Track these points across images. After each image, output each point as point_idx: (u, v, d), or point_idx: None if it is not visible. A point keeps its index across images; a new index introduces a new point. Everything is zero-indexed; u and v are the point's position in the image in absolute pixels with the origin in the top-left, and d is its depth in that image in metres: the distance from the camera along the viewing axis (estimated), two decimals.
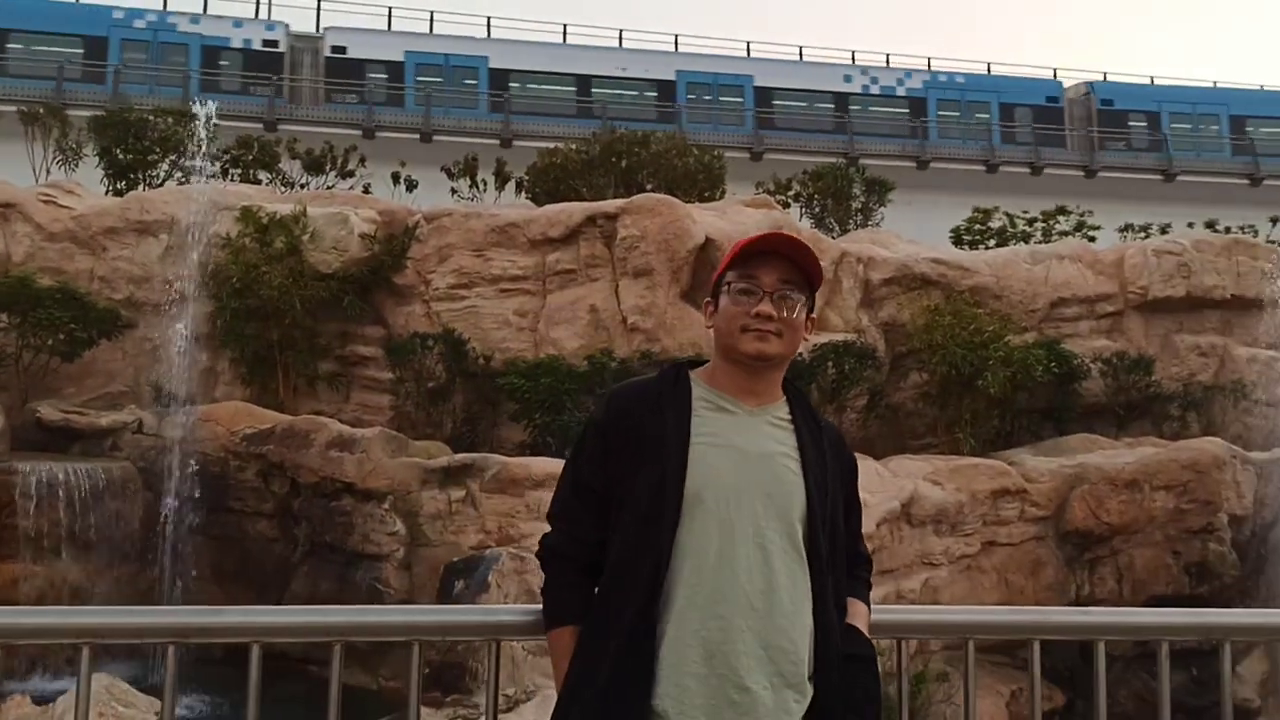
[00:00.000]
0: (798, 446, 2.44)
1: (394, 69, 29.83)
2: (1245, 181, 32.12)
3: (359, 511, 9.71)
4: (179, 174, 15.52)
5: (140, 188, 15.16)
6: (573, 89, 30.62)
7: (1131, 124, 33.17)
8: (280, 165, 16.63)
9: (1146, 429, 13.65)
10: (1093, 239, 17.54)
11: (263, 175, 16.31)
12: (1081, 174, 31.19)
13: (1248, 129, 33.19)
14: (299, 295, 12.07)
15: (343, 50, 29.44)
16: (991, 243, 17.80)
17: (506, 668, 8.61)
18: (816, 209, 17.20)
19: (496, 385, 11.95)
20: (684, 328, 11.89)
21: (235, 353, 12.30)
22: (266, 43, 28.78)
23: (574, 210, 12.66)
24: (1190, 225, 18.05)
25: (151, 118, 15.99)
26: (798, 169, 20.10)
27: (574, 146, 15.86)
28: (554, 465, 10.10)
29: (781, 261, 2.49)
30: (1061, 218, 18.39)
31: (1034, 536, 11.31)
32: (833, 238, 14.99)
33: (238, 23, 29.23)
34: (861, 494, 9.31)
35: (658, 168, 14.99)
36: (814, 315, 2.57)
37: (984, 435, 12.81)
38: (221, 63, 28.30)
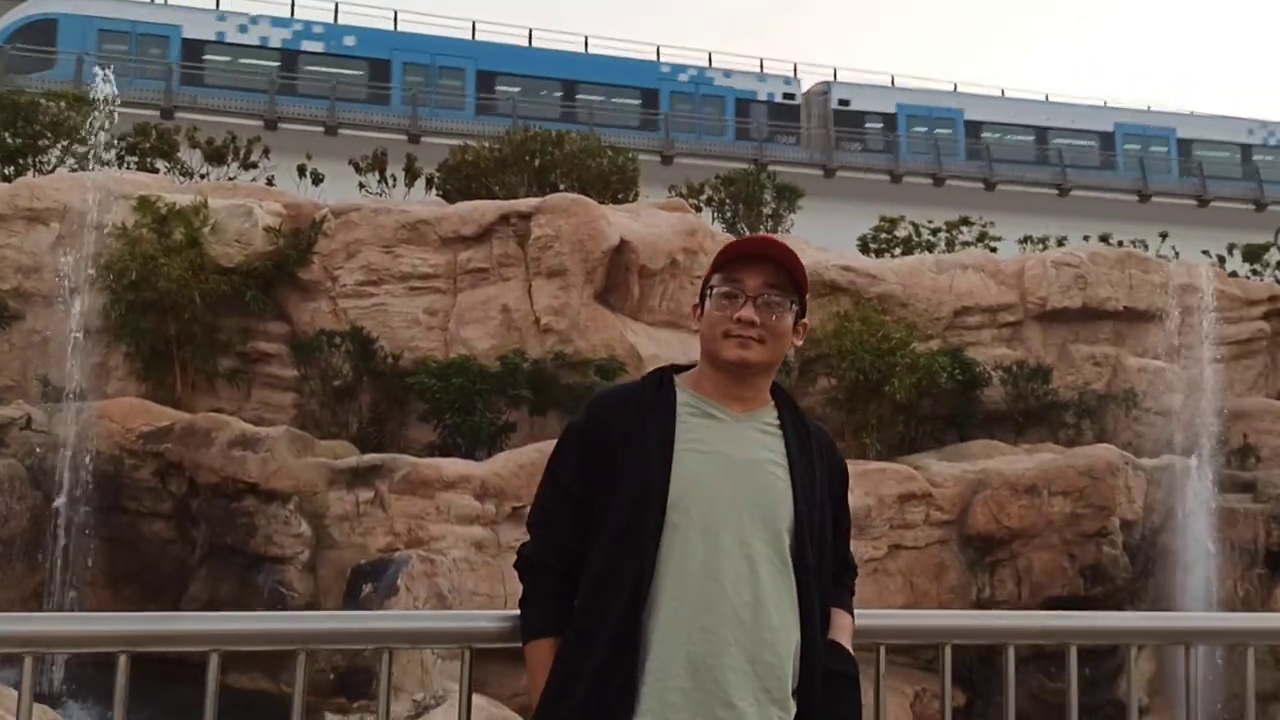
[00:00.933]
0: (786, 454, 2.39)
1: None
2: (1135, 198, 33.39)
3: (262, 513, 9.43)
4: (71, 160, 14.91)
5: (30, 174, 14.53)
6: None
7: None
8: (179, 154, 16.11)
9: (1044, 435, 14.03)
10: (994, 250, 17.99)
11: (161, 164, 15.78)
12: (982, 186, 32.05)
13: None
14: (199, 289, 11.69)
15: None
16: (898, 251, 18.14)
17: (415, 673, 8.45)
18: (728, 214, 17.32)
19: (405, 385, 11.74)
20: (598, 329, 11.84)
21: (130, 347, 11.85)
22: (786, 95, 33.33)
23: (487, 208, 12.51)
24: (1086, 239, 18.65)
25: (43, 101, 15.34)
26: (705, 173, 20.25)
27: (486, 144, 15.69)
28: (465, 467, 9.96)
29: (767, 265, 2.42)
30: (965, 228, 18.84)
31: (938, 540, 11.52)
32: None
33: (761, 77, 33.79)
34: None
35: (571, 168, 14.91)
36: (805, 320, 2.51)
37: (890, 440, 13.03)
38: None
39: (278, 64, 28.44)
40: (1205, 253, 19.34)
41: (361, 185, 16.55)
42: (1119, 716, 11.89)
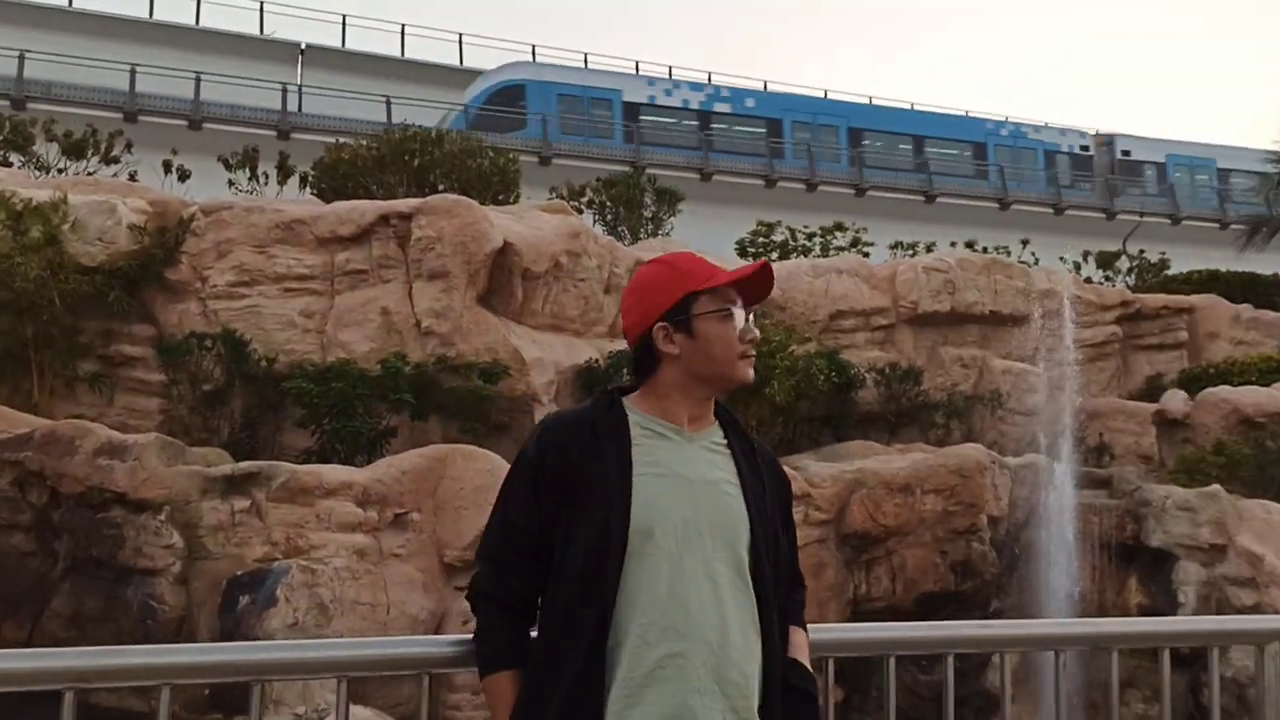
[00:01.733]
0: (737, 472, 2.40)
1: None
2: (996, 205, 34.72)
3: (130, 523, 9.03)
4: None
5: None
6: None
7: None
8: (35, 148, 15.34)
9: (915, 435, 14.48)
10: (867, 255, 18.48)
11: (15, 158, 15.00)
12: (853, 192, 32.87)
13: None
14: (58, 289, 11.13)
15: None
16: (775, 255, 18.46)
17: (295, 686, 8.22)
18: (609, 217, 17.36)
19: (280, 389, 11.41)
20: (480, 332, 11.72)
21: None
22: (1082, 147, 38.66)
23: (366, 208, 12.25)
24: (953, 244, 19.32)
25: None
26: (584, 175, 20.28)
27: (364, 142, 15.37)
28: (346, 473, 9.74)
29: (745, 283, 2.47)
30: (839, 233, 19.30)
31: (817, 539, 11.76)
32: (625, 245, 15.16)
33: (1063, 132, 39.21)
34: None
35: (451, 168, 14.73)
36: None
37: (769, 442, 13.16)
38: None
39: (697, 123, 33.49)
40: (1062, 259, 20.24)
41: (231, 183, 16.04)
42: (987, 706, 12.40)
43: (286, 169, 15.84)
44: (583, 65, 34.82)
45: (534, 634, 2.39)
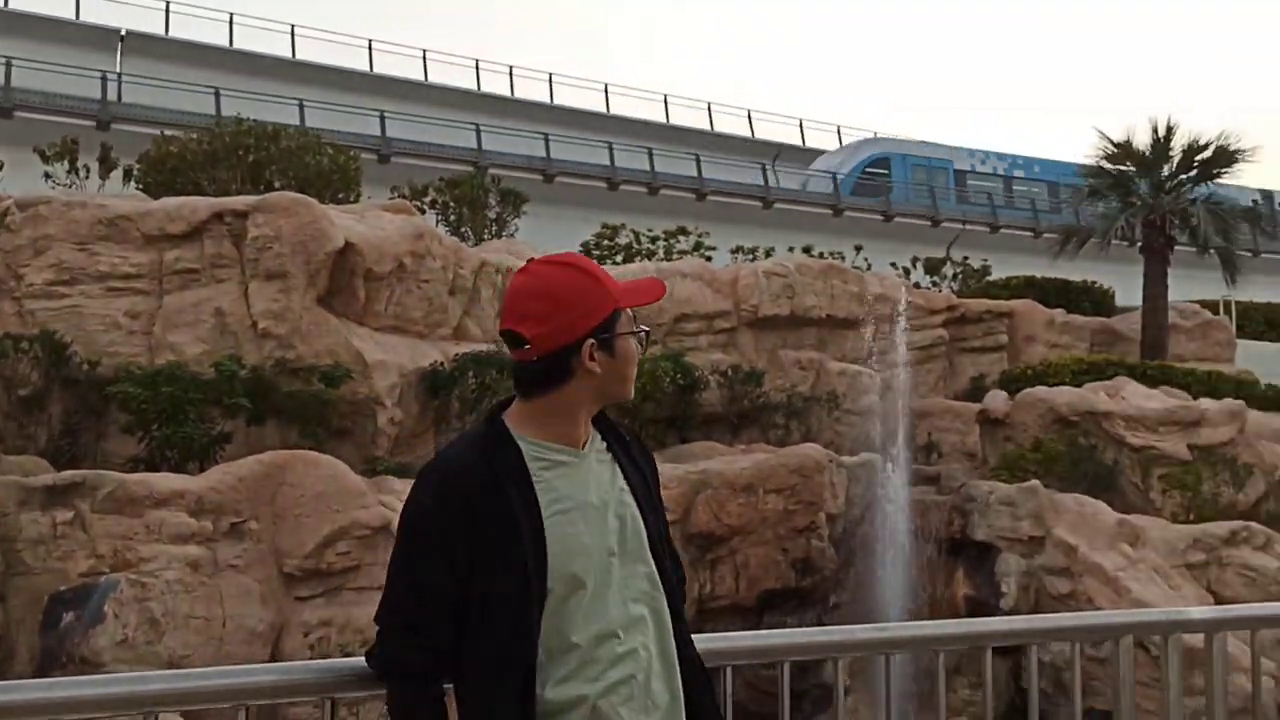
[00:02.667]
0: (626, 479, 2.35)
1: None
2: (829, 212, 35.87)
3: None
4: None
5: None
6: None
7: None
8: None
9: (756, 436, 14.82)
10: (709, 259, 18.80)
11: None
12: (694, 196, 33.40)
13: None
14: None
15: None
16: (619, 258, 18.60)
17: None
18: (452, 217, 17.14)
19: (104, 394, 10.84)
20: (321, 334, 11.40)
21: None
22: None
23: (198, 205, 11.76)
24: (791, 249, 19.86)
25: None
26: (425, 174, 19.98)
27: (194, 136, 14.75)
28: (178, 481, 9.32)
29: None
30: (682, 237, 19.58)
31: None
32: (470, 247, 15.00)
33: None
34: None
35: (288, 165, 14.29)
36: None
37: None
38: None
39: (1001, 186, 41.96)
40: (893, 264, 21.05)
41: (48, 176, 15.15)
42: (825, 697, 12.79)
43: (109, 162, 15.06)
44: (923, 141, 42.84)
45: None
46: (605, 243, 19.11)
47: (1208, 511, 14.16)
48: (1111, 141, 19.41)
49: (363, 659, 2.40)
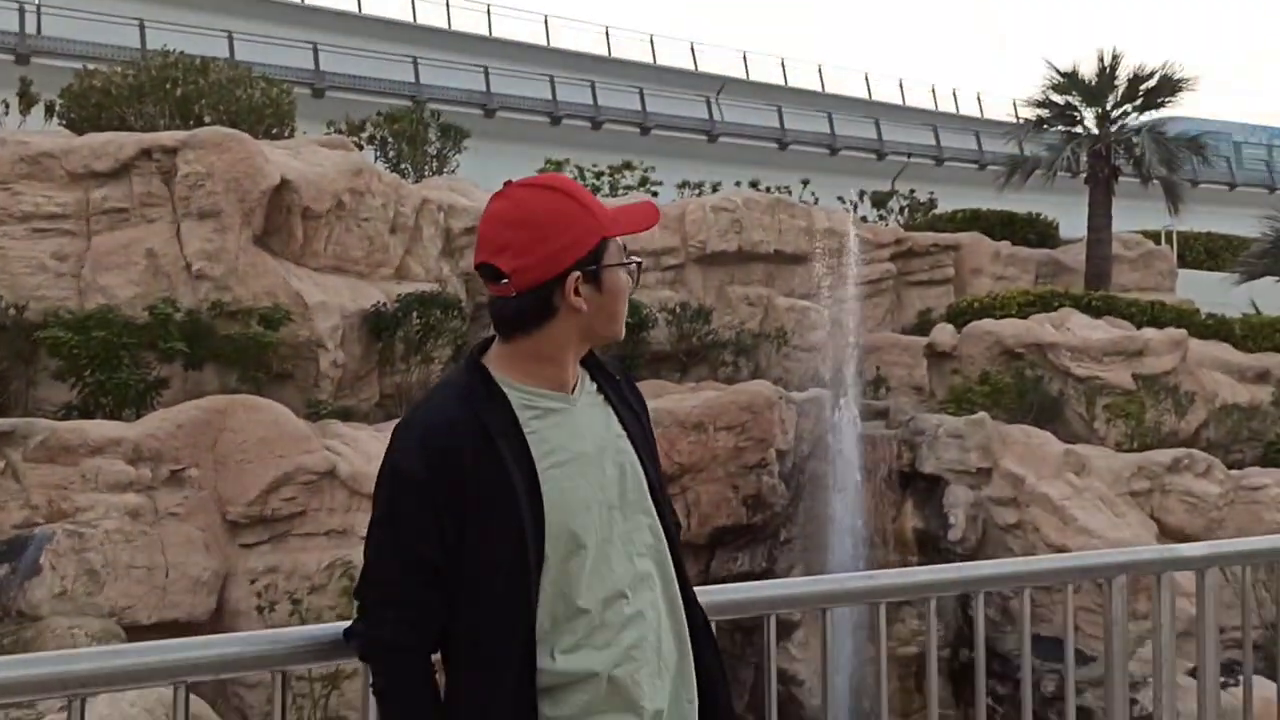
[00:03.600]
0: (621, 422, 2.14)
1: None
2: (775, 145, 35.62)
3: None
4: None
5: None
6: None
7: None
8: None
9: (705, 374, 14.75)
10: (655, 194, 18.55)
11: None
12: (637, 130, 32.95)
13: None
14: None
15: None
16: None
17: None
18: (391, 153, 16.69)
19: (33, 339, 10.43)
20: (258, 275, 11.04)
21: None
22: None
23: (125, 141, 11.27)
24: (738, 184, 19.65)
25: None
26: (361, 109, 19.42)
27: (118, 69, 14.11)
28: (114, 429, 9.02)
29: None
30: (627, 172, 19.28)
31: None
32: (410, 184, 14.61)
33: None
34: None
35: (218, 99, 13.73)
36: None
37: None
38: None
39: None
40: (840, 199, 20.94)
41: None
42: (777, 633, 12.88)
43: (29, 97, 14.38)
44: None
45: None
46: None
47: (1151, 440, 14.38)
48: (1059, 71, 19.37)
49: (309, 627, 2.26)
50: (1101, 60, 19.11)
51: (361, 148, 15.74)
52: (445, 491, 1.96)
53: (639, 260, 2.20)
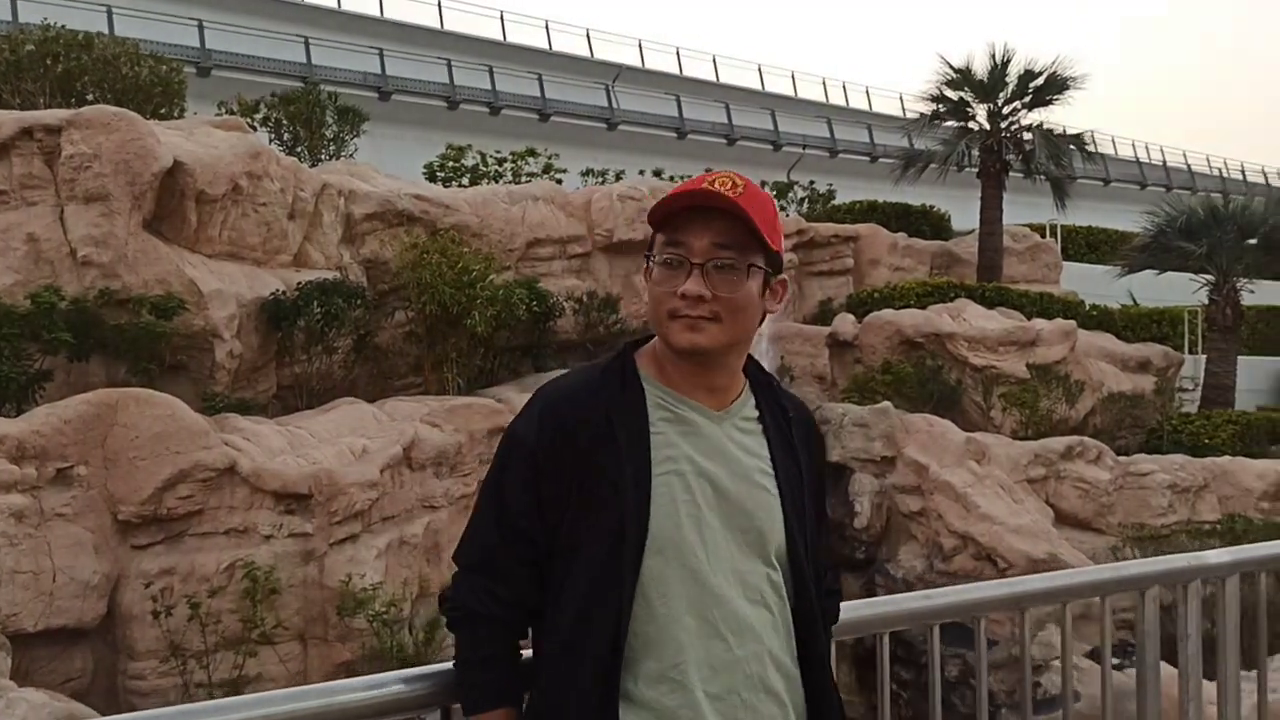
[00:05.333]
0: (770, 457, 1.97)
1: None
2: (674, 134, 35.65)
3: None
4: None
5: None
6: None
7: None
8: None
9: None
10: (560, 182, 18.33)
11: None
12: (536, 117, 32.60)
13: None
14: None
15: None
16: (465, 180, 17.93)
17: None
18: (286, 135, 16.12)
19: None
20: (149, 262, 10.52)
21: None
22: None
23: (3, 120, 10.60)
24: (641, 173, 19.56)
25: None
26: (250, 89, 18.75)
27: None
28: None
29: (714, 218, 1.90)
30: (531, 159, 19.00)
31: None
32: (309, 167, 14.13)
33: None
34: (362, 441, 8.88)
35: (103, 77, 13.06)
36: (781, 280, 2.03)
37: (469, 374, 12.94)
38: None
39: None
40: None
41: None
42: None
43: None
44: None
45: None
46: (450, 164, 18.37)
47: (1044, 428, 14.80)
48: (952, 68, 19.76)
49: (418, 671, 2.10)
50: (993, 57, 19.56)
51: (255, 129, 15.16)
52: (552, 465, 1.87)
53: (669, 252, 1.94)
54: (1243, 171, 51.71)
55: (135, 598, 8.81)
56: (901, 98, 43.64)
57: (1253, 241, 18.05)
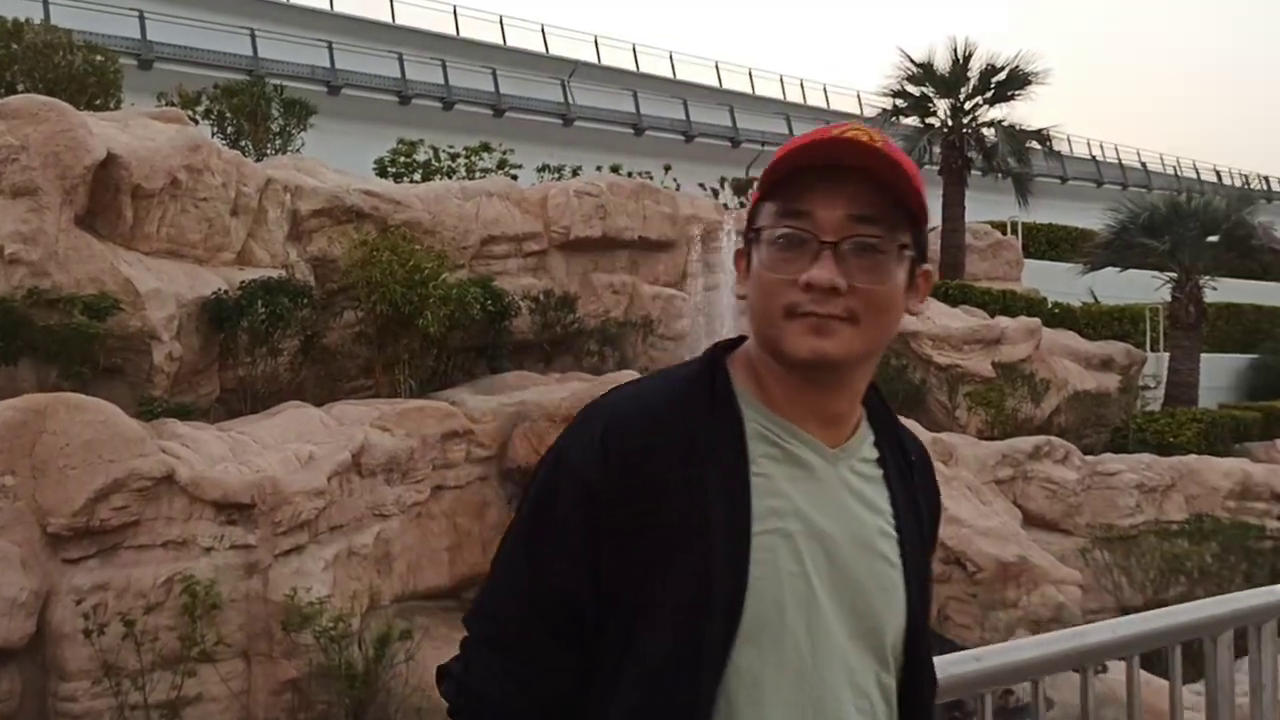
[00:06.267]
0: (894, 514, 1.49)
1: None
2: (631, 131, 35.28)
3: None
4: None
5: None
6: None
7: None
8: None
9: (570, 364, 14.23)
10: (515, 178, 17.87)
11: None
12: (491, 113, 32.09)
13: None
14: None
15: None
16: (417, 176, 17.42)
17: None
18: (230, 129, 15.54)
19: None
20: (82, 260, 9.97)
21: None
22: None
23: None
24: (599, 169, 19.16)
25: None
26: (194, 82, 18.15)
27: None
28: None
29: (850, 181, 1.39)
30: (485, 154, 18.53)
31: (479, 477, 11.21)
32: (253, 162, 13.58)
33: None
34: (308, 447, 8.25)
35: (33, 66, 12.45)
36: (926, 269, 1.50)
37: (421, 375, 12.48)
38: None
39: None
40: (701, 185, 20.70)
41: None
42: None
43: None
44: None
45: None
46: (402, 160, 17.84)
47: (1009, 427, 14.62)
48: (914, 62, 19.55)
49: None
50: (955, 52, 19.40)
51: (197, 122, 14.57)
52: (616, 508, 1.35)
53: (764, 224, 1.44)
54: (1196, 170, 52.30)
55: (66, 615, 8.28)
56: (859, 95, 43.69)
57: (1214, 238, 18.01)
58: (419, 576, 10.37)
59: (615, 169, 20.00)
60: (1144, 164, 52.02)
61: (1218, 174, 52.16)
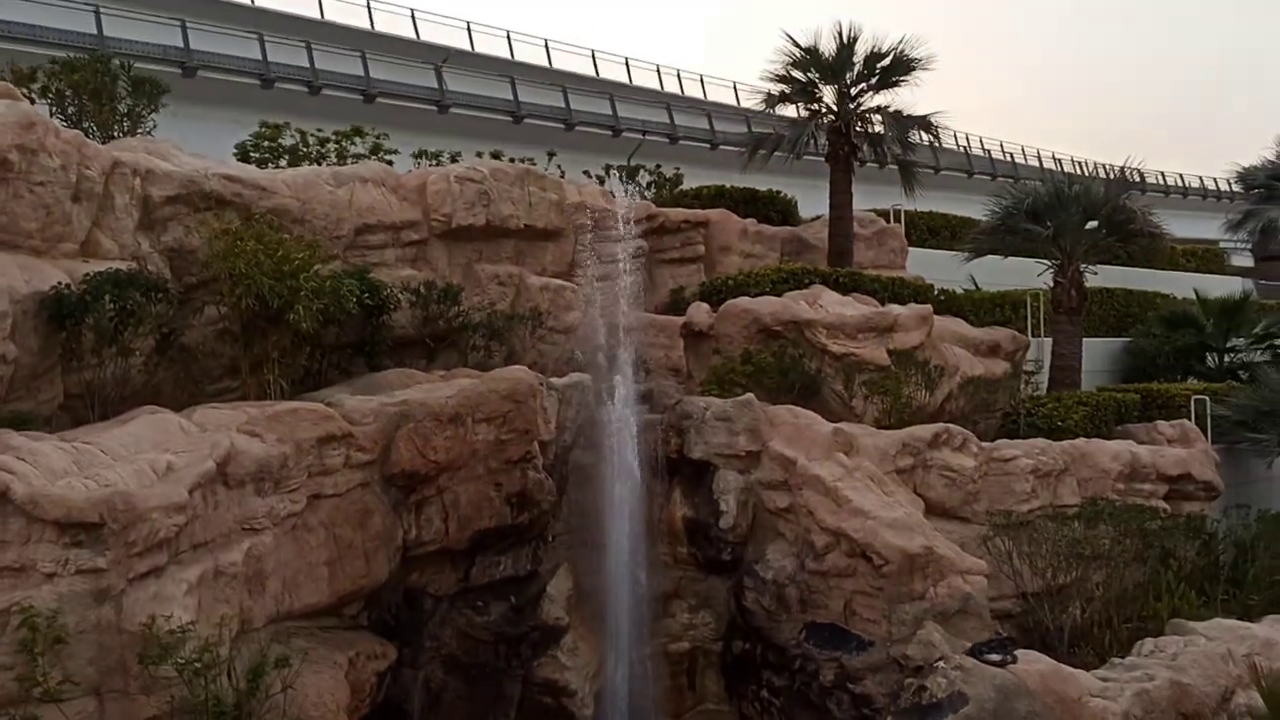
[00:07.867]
0: None
1: None
2: (510, 119, 34.35)
3: None
4: None
5: None
6: None
7: None
8: None
9: (454, 360, 13.41)
10: (390, 163, 16.90)
11: None
12: (361, 98, 30.79)
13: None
14: None
15: None
16: (283, 162, 16.29)
17: None
18: (71, 109, 14.19)
19: None
20: None
21: None
22: None
23: None
24: (480, 155, 18.30)
25: None
26: (31, 61, 16.69)
27: None
28: None
29: None
30: (357, 138, 17.48)
31: (360, 484, 10.37)
32: (98, 143, 12.36)
33: None
34: (166, 456, 7.10)
35: None
36: None
37: (293, 375, 11.52)
38: None
39: None
40: (586, 173, 20.02)
41: None
42: (542, 640, 11.85)
43: None
44: None
45: None
46: (266, 144, 16.66)
47: (905, 416, 14.35)
48: (799, 46, 19.23)
49: None
50: (840, 37, 19.14)
51: (34, 101, 13.23)
52: None
53: None
54: (1057, 162, 53.90)
55: None
56: (735, 86, 43.65)
57: (1094, 224, 18.18)
58: (296, 595, 9.48)
59: (496, 155, 19.18)
60: (1010, 156, 53.35)
61: (1080, 167, 53.88)
